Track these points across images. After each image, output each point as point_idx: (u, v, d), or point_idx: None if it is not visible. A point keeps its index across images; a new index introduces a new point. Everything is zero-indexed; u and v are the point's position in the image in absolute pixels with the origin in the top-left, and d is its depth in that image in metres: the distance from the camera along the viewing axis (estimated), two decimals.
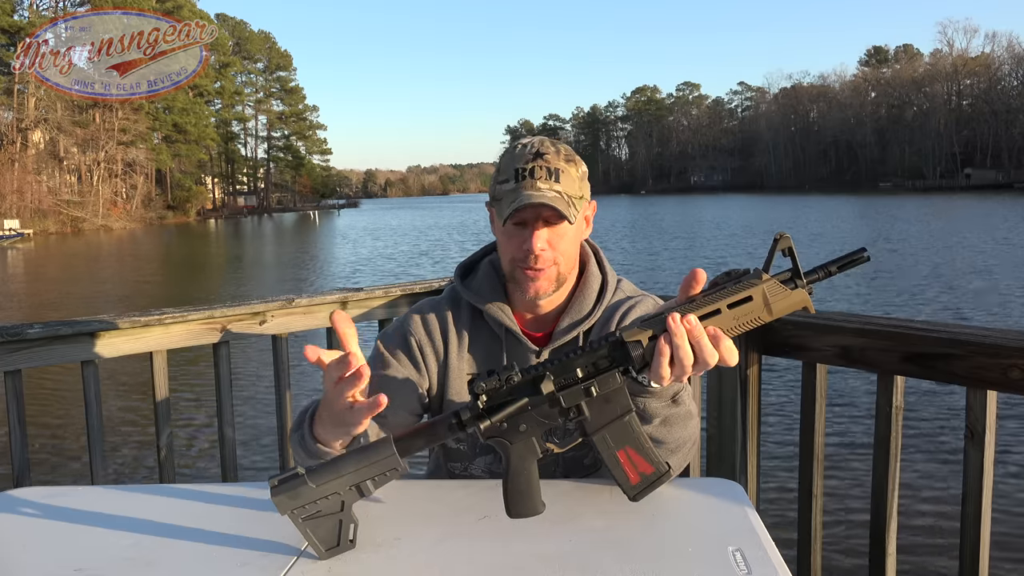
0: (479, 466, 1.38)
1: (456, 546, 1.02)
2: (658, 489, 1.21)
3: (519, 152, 1.29)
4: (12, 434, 1.88)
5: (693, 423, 1.19)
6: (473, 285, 1.40)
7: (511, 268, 1.31)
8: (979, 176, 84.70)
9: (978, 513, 1.50)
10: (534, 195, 1.24)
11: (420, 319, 1.38)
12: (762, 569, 0.91)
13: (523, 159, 1.28)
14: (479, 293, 1.38)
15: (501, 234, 1.32)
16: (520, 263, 1.29)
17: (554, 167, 1.27)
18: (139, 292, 18.47)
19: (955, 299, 12.18)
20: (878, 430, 1.66)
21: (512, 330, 1.35)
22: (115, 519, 1.13)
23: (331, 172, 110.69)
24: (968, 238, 23.33)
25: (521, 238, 1.28)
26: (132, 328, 2.00)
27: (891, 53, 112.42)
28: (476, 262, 1.44)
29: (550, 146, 1.30)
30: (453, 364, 1.36)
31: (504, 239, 1.31)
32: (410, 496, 1.20)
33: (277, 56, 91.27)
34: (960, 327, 1.56)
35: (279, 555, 0.97)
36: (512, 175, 1.27)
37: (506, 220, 1.26)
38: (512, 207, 1.24)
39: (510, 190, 1.27)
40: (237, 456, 2.23)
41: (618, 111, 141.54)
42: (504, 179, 1.28)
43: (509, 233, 1.29)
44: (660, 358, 0.94)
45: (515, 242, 1.29)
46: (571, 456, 1.36)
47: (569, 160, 1.30)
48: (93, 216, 57.91)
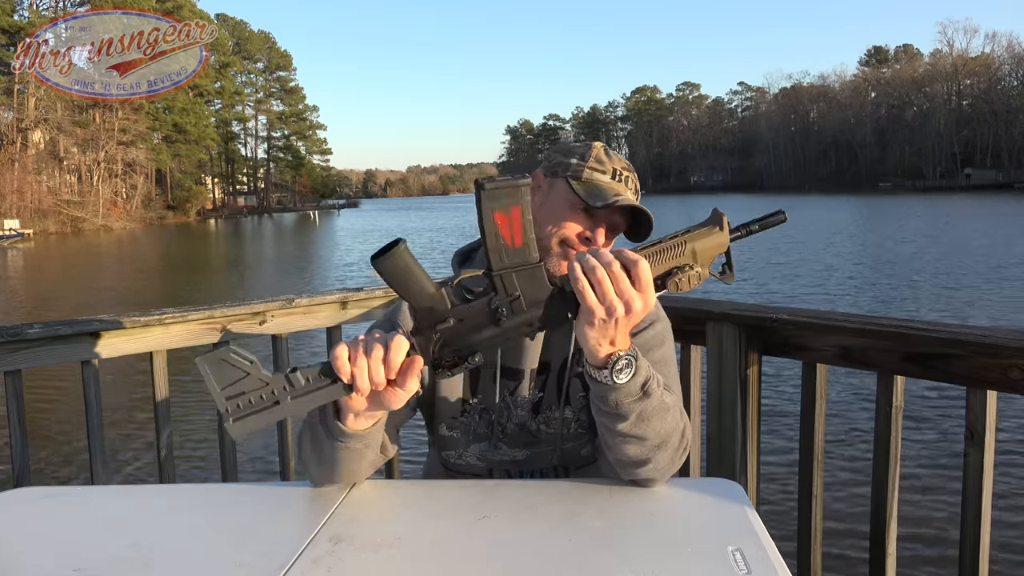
0: (473, 453, 1.37)
1: (456, 546, 1.02)
2: (658, 489, 1.21)
3: (609, 152, 1.37)
4: (12, 434, 1.88)
5: (672, 415, 1.16)
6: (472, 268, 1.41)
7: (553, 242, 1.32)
8: (979, 176, 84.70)
9: (978, 513, 1.50)
10: (631, 199, 1.32)
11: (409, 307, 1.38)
12: (762, 569, 0.91)
13: (621, 163, 1.36)
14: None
15: (565, 211, 1.32)
16: (568, 244, 1.32)
17: (638, 188, 1.38)
18: (139, 292, 18.47)
19: (959, 299, 12.19)
20: (878, 430, 1.66)
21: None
22: (115, 519, 1.13)
23: (331, 172, 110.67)
24: (978, 237, 23.34)
25: (586, 224, 1.32)
26: (132, 328, 2.00)
27: (891, 53, 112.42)
28: (474, 250, 1.46)
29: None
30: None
31: (561, 214, 1.32)
32: (410, 496, 1.20)
33: (277, 56, 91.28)
34: (960, 327, 1.56)
35: (279, 555, 0.97)
36: (612, 172, 1.34)
37: (602, 207, 1.29)
38: (615, 200, 1.29)
39: (609, 185, 1.32)
40: (237, 456, 2.23)
41: (618, 111, 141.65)
42: (600, 169, 1.33)
43: (576, 217, 1.32)
44: (577, 285, 0.99)
45: (574, 226, 1.32)
46: (569, 448, 1.36)
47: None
48: (93, 216, 57.91)
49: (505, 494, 1.18)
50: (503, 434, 1.35)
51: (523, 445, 1.36)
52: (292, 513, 1.14)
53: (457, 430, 1.37)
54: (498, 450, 1.36)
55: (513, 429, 1.35)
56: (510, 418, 1.35)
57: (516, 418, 1.35)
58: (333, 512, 1.10)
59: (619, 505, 1.14)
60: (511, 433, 1.35)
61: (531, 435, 1.35)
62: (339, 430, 1.09)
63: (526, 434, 1.35)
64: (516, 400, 1.35)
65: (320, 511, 1.10)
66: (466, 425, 1.36)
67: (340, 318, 2.34)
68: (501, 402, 1.35)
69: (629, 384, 1.08)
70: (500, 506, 1.12)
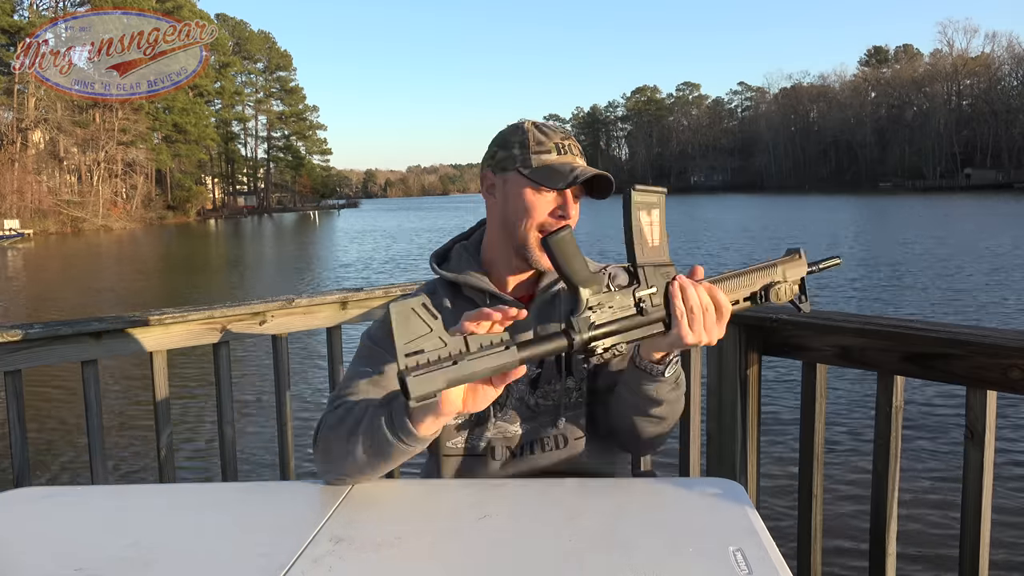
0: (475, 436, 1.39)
1: (456, 546, 1.02)
2: (659, 488, 1.21)
3: (544, 129, 1.40)
4: (12, 434, 1.88)
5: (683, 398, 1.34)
6: (449, 267, 1.45)
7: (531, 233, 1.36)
8: (979, 176, 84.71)
9: (978, 513, 1.50)
10: (589, 169, 1.35)
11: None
12: (763, 569, 0.91)
13: (557, 135, 1.39)
14: (456, 271, 1.43)
15: (529, 200, 1.36)
16: (546, 227, 1.35)
17: (581, 149, 1.42)
18: (139, 292, 18.47)
19: (961, 301, 12.19)
20: (878, 430, 1.66)
21: (497, 294, 1.39)
22: (115, 519, 1.13)
23: (331, 172, 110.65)
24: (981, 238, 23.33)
25: (551, 205, 1.36)
26: (132, 328, 2.00)
27: (891, 53, 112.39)
28: (448, 250, 1.50)
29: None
30: None
31: (535, 205, 1.35)
32: (410, 496, 1.20)
33: (277, 56, 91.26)
34: (960, 327, 1.56)
35: (280, 554, 0.97)
36: (554, 148, 1.37)
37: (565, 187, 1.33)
38: (576, 176, 1.32)
39: (559, 160, 1.36)
40: (237, 456, 2.23)
41: (618, 111, 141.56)
42: (543, 150, 1.36)
43: (542, 200, 1.35)
44: (676, 313, 1.12)
45: (543, 208, 1.36)
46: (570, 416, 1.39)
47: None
48: (93, 216, 57.89)
49: (505, 494, 1.18)
50: (503, 412, 1.38)
51: (522, 419, 1.38)
52: (293, 513, 1.14)
53: (459, 417, 1.37)
54: (499, 428, 1.38)
55: (513, 404, 1.38)
56: (509, 395, 1.37)
57: (516, 393, 1.38)
58: (334, 512, 1.10)
59: (619, 505, 1.14)
60: (510, 409, 1.38)
61: (529, 409, 1.38)
62: (410, 433, 1.10)
63: (524, 408, 1.38)
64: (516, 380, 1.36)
65: (321, 511, 1.10)
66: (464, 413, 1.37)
67: (340, 318, 2.34)
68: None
69: (671, 376, 1.25)
70: (500, 506, 1.12)
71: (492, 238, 1.43)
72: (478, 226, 1.52)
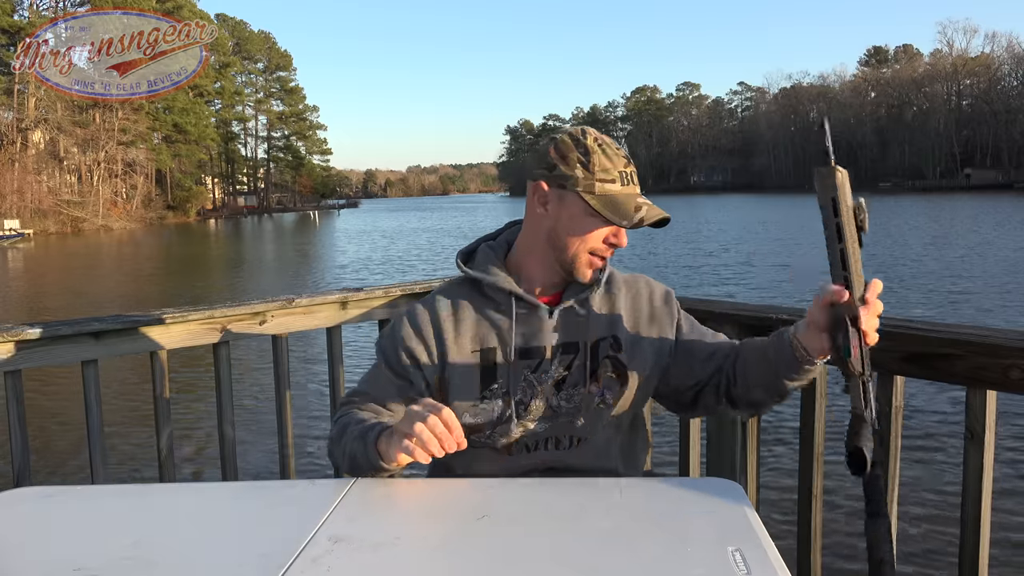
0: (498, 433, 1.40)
1: (456, 546, 1.02)
2: (658, 488, 1.21)
3: (607, 150, 1.37)
4: (12, 434, 1.87)
5: None
6: (474, 266, 1.46)
7: (581, 254, 1.38)
8: (979, 176, 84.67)
9: (978, 513, 1.50)
10: (653, 211, 1.36)
11: (409, 322, 1.44)
12: (762, 569, 0.91)
13: (620, 161, 1.37)
14: (482, 268, 1.44)
15: (586, 226, 1.37)
16: (597, 252, 1.39)
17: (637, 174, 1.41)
18: (139, 292, 18.47)
19: (964, 302, 12.18)
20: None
21: (522, 295, 1.41)
22: (115, 519, 1.13)
23: (331, 172, 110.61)
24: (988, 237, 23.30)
25: (606, 232, 1.38)
26: (132, 328, 2.00)
27: (891, 53, 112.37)
28: (474, 249, 1.51)
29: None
30: (451, 348, 1.40)
31: (585, 229, 1.37)
32: (410, 496, 1.20)
33: (277, 56, 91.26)
34: (960, 327, 1.56)
35: (278, 554, 0.97)
36: (619, 177, 1.36)
37: (630, 227, 1.35)
38: (641, 217, 1.34)
39: (622, 193, 1.36)
40: (237, 456, 2.23)
41: (618, 111, 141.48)
42: (608, 179, 1.35)
43: (594, 224, 1.36)
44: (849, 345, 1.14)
45: (599, 234, 1.37)
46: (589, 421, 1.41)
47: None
48: (93, 216, 57.91)
49: (505, 494, 1.19)
50: (525, 411, 1.39)
51: (544, 419, 1.40)
52: (292, 512, 1.13)
53: (480, 416, 1.39)
54: (519, 427, 1.40)
55: (535, 405, 1.40)
56: (533, 395, 1.39)
57: (539, 394, 1.40)
58: (332, 511, 1.10)
59: (619, 505, 1.14)
60: (533, 409, 1.40)
61: (552, 410, 1.41)
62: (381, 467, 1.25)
63: (547, 409, 1.40)
64: (539, 377, 1.40)
65: (320, 510, 1.10)
66: (488, 411, 1.39)
67: (340, 318, 2.34)
68: (524, 381, 1.39)
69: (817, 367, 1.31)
70: (500, 506, 1.12)
71: (530, 245, 1.43)
72: (505, 228, 1.53)
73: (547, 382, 1.40)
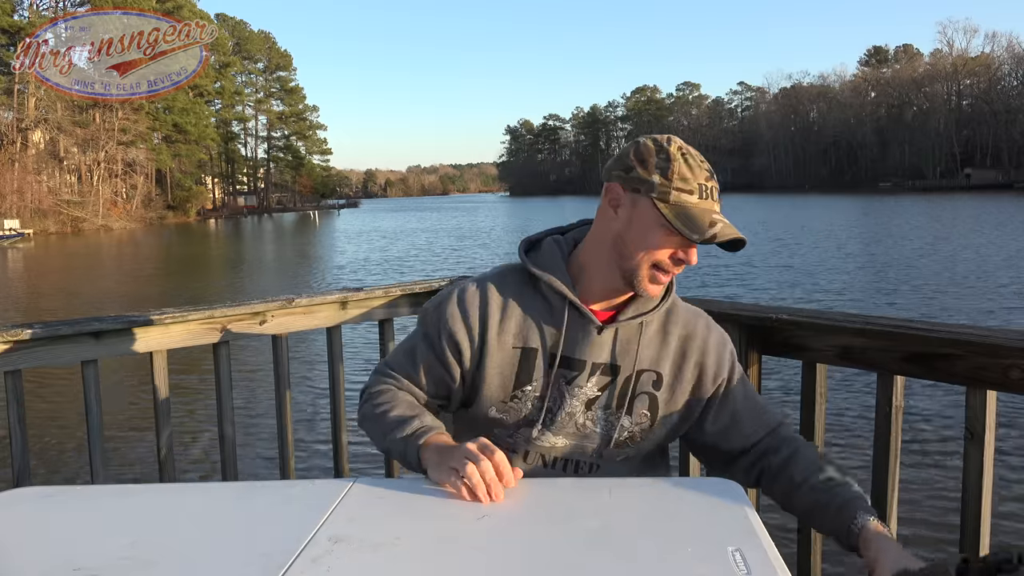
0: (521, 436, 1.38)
1: (456, 546, 1.02)
2: (659, 488, 1.21)
3: (690, 160, 1.29)
4: (12, 434, 1.87)
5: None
6: (537, 258, 1.39)
7: (645, 266, 1.31)
8: (979, 176, 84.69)
9: (978, 513, 1.50)
10: (728, 230, 1.27)
11: (457, 302, 1.38)
12: (762, 569, 0.91)
13: (702, 173, 1.29)
14: (541, 266, 1.38)
15: (655, 236, 1.29)
16: (660, 268, 1.31)
17: (718, 189, 1.32)
18: (139, 292, 18.46)
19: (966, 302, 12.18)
20: (878, 430, 1.66)
21: (576, 304, 1.34)
22: (115, 519, 1.13)
23: (331, 172, 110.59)
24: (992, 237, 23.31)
25: (674, 247, 1.30)
26: (132, 328, 2.00)
27: (891, 53, 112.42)
28: (540, 240, 1.44)
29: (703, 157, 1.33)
30: (492, 338, 1.35)
31: (653, 239, 1.29)
32: (409, 496, 1.20)
33: (277, 56, 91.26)
34: (960, 327, 1.56)
35: (279, 554, 0.97)
36: (697, 189, 1.27)
37: (701, 242, 1.27)
38: (713, 235, 1.25)
39: (698, 206, 1.27)
40: (237, 456, 2.23)
41: (618, 111, 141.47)
42: (686, 189, 1.27)
43: (663, 237, 1.29)
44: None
45: (667, 249, 1.30)
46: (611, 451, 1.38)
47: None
48: (93, 216, 57.90)
49: (505, 494, 1.18)
50: (551, 421, 1.36)
51: (566, 435, 1.37)
52: (292, 512, 1.13)
53: (506, 414, 1.37)
54: (542, 435, 1.37)
55: (563, 417, 1.36)
56: (562, 406, 1.35)
57: (568, 407, 1.36)
58: (332, 511, 1.10)
59: (619, 505, 1.14)
60: (559, 421, 1.36)
61: (577, 428, 1.37)
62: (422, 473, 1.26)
63: (572, 425, 1.36)
64: (571, 390, 1.35)
65: (320, 510, 1.10)
66: (516, 410, 1.36)
67: (340, 318, 2.34)
68: (556, 390, 1.35)
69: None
70: (500, 506, 1.12)
71: (596, 248, 1.36)
72: (578, 224, 1.46)
73: (579, 397, 1.35)
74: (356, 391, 1.49)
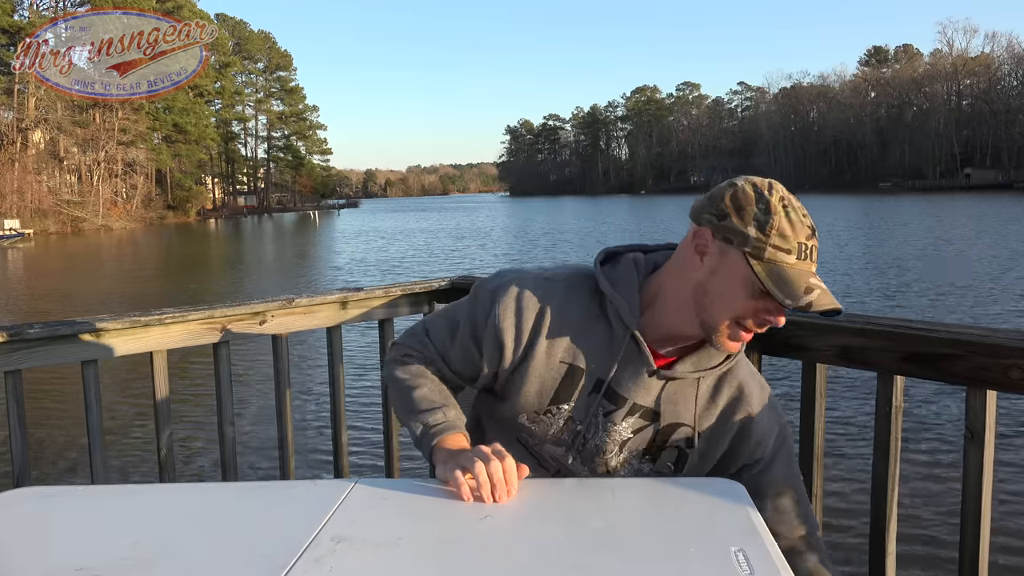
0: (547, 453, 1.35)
1: (456, 546, 1.02)
2: (661, 488, 1.21)
3: (792, 215, 1.18)
4: (12, 434, 1.87)
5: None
6: (611, 273, 1.30)
7: (724, 322, 1.21)
8: (979, 176, 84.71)
9: (978, 513, 1.50)
10: (826, 298, 1.17)
11: (515, 297, 1.29)
12: (765, 569, 0.91)
13: (804, 230, 1.18)
14: (614, 282, 1.29)
15: (743, 294, 1.18)
16: (746, 327, 1.22)
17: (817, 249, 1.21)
18: (139, 292, 18.47)
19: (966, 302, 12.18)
20: (878, 430, 1.66)
21: (636, 338, 1.26)
22: (115, 519, 1.13)
23: (331, 172, 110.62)
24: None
25: (762, 308, 1.20)
26: (132, 328, 2.00)
27: (891, 53, 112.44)
28: (620, 254, 1.34)
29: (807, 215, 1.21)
30: (540, 345, 1.27)
31: (739, 297, 1.19)
32: (411, 496, 1.20)
33: (277, 56, 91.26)
34: (960, 327, 1.56)
35: (280, 555, 0.97)
36: (796, 249, 1.16)
37: (792, 308, 1.18)
38: (810, 301, 1.15)
39: (795, 268, 1.16)
40: (237, 456, 2.23)
41: (618, 111, 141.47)
42: (784, 247, 1.16)
43: (751, 295, 1.19)
44: None
45: (753, 308, 1.20)
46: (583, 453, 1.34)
47: None
48: (93, 216, 57.91)
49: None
50: (582, 448, 1.32)
51: (592, 470, 1.32)
52: (293, 512, 1.13)
53: (536, 424, 1.33)
54: (571, 463, 1.33)
55: (591, 449, 1.31)
56: (594, 437, 1.30)
57: (599, 440, 1.31)
58: (334, 511, 1.10)
59: (621, 505, 1.14)
60: (588, 452, 1.31)
61: (608, 469, 1.32)
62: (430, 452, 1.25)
63: (603, 465, 1.31)
64: (606, 424, 1.30)
65: (321, 510, 1.10)
66: (546, 424, 1.32)
67: (340, 318, 2.34)
68: (593, 419, 1.30)
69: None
70: (502, 506, 1.12)
71: (674, 288, 1.25)
72: (664, 246, 1.35)
73: (612, 434, 1.29)
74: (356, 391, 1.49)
